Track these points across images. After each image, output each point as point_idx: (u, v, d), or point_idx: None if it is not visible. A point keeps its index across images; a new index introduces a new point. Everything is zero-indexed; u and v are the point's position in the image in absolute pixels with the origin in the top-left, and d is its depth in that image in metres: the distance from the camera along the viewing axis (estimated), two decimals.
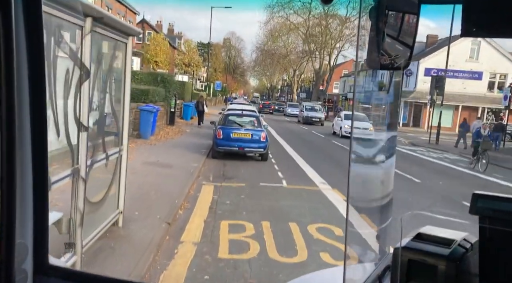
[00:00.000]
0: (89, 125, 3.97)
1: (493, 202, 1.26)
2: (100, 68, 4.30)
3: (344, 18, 47.54)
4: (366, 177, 1.74)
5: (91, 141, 4.14)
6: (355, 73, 2.56)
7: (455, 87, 34.83)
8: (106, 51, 4.51)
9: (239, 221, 6.50)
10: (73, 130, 3.75)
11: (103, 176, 4.85)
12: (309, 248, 5.50)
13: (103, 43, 4.34)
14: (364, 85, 2.22)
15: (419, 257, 1.32)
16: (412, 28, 1.20)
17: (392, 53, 1.26)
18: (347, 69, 59.86)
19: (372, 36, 1.20)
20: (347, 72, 57.66)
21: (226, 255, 5.09)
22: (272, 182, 9.79)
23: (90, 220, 4.29)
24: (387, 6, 1.20)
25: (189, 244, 5.40)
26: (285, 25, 51.43)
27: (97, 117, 4.41)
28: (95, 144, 4.33)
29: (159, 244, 5.14)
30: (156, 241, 5.16)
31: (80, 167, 3.80)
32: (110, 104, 4.82)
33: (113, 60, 4.72)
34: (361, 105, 2.32)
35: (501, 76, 36.86)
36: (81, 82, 3.73)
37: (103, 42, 4.32)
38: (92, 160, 4.21)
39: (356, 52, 1.94)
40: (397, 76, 1.71)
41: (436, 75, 26.76)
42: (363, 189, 1.68)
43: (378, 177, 1.78)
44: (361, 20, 1.44)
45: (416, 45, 17.17)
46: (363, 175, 1.67)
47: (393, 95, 1.75)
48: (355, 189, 1.49)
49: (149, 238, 5.17)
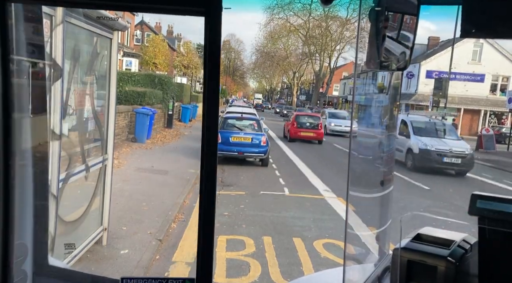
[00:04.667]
0: (63, 133, 3.39)
1: (492, 203, 1.26)
2: (78, 66, 3.71)
3: (344, 20, 47.05)
4: (366, 178, 1.74)
5: (66, 151, 3.55)
6: (354, 74, 2.44)
7: (457, 89, 34.31)
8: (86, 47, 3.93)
9: (238, 236, 5.91)
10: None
11: (83, 190, 4.26)
12: (316, 269, 4.91)
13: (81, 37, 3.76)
14: (364, 87, 2.35)
15: (418, 258, 1.32)
16: (412, 30, 1.21)
17: (392, 55, 1.26)
18: (347, 72, 59.35)
19: (371, 37, 1.21)
20: (347, 74, 57.18)
21: (223, 279, 4.50)
22: (273, 189, 9.20)
23: (66, 242, 3.72)
24: (387, 8, 1.20)
25: (182, 265, 4.81)
26: (285, 27, 50.90)
27: (74, 122, 3.82)
28: (71, 153, 3.74)
29: (147, 266, 4.54)
30: (144, 262, 4.57)
31: (50, 183, 3.21)
32: (92, 108, 4.23)
33: (95, 57, 4.14)
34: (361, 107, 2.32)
35: (503, 78, 36.36)
36: (51, 81, 3.15)
37: (81, 36, 3.74)
38: (67, 173, 3.62)
39: (355, 54, 1.90)
40: (396, 78, 1.78)
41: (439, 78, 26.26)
42: (362, 190, 1.68)
43: (378, 178, 1.77)
44: (361, 22, 1.48)
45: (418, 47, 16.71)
46: (363, 175, 1.66)
47: (392, 97, 1.81)
48: (355, 190, 1.47)
49: (136, 259, 4.58)
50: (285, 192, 9.09)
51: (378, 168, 1.86)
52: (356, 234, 1.68)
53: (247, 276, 4.64)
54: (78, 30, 3.56)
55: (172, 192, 7.75)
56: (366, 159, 1.92)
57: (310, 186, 9.90)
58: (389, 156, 1.86)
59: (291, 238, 5.98)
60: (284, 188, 9.48)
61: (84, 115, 4.04)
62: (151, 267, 4.63)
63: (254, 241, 5.72)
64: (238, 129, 12.35)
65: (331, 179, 10.68)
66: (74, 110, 3.74)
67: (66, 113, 3.54)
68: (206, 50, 1.06)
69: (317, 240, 5.92)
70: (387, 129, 1.95)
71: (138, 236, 5.29)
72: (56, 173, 3.26)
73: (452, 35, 24.75)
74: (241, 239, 5.81)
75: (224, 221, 6.57)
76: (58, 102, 3.22)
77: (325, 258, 5.30)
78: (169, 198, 7.30)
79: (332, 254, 5.43)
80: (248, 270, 4.77)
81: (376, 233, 1.77)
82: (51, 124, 3.20)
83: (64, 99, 3.39)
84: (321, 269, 4.90)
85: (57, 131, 3.24)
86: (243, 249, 5.42)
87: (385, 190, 1.74)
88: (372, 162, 1.93)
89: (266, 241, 5.79)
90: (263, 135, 12.22)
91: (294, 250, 5.52)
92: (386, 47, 1.23)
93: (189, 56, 46.74)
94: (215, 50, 1.05)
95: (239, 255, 5.20)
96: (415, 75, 35.65)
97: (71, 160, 3.74)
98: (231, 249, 5.38)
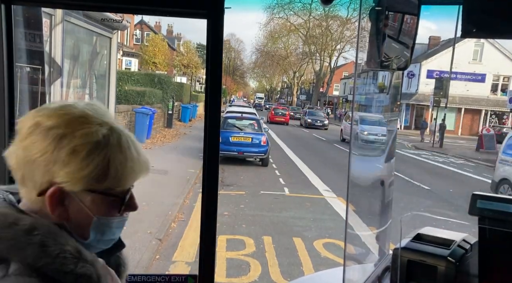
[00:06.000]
0: None
1: (493, 203, 1.25)
2: (77, 65, 3.71)
3: (345, 19, 47.00)
4: (366, 178, 1.74)
5: None
6: (355, 74, 2.45)
7: (458, 89, 34.27)
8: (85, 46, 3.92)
9: (238, 236, 5.90)
10: None
11: None
12: (316, 269, 4.90)
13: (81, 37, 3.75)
14: (365, 87, 2.35)
15: (418, 257, 1.31)
16: (412, 29, 1.21)
17: (392, 54, 1.26)
18: (348, 71, 59.30)
19: (372, 37, 1.21)
20: (348, 74, 57.14)
21: (223, 279, 4.49)
22: (273, 189, 9.19)
23: None
24: (387, 7, 1.20)
25: (182, 265, 4.80)
26: (285, 26, 50.87)
27: None
28: None
29: (148, 266, 4.54)
30: (145, 262, 4.57)
31: None
32: None
33: (94, 56, 4.13)
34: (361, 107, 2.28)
35: (504, 78, 36.31)
36: (50, 80, 3.15)
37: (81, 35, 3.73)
38: None
39: (356, 54, 1.87)
40: (397, 77, 1.78)
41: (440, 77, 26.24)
42: (363, 190, 1.67)
43: (378, 178, 1.76)
44: (362, 22, 1.45)
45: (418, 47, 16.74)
46: (363, 176, 1.65)
47: (393, 96, 1.80)
48: (355, 190, 1.47)
49: (136, 259, 4.57)
50: (285, 192, 9.08)
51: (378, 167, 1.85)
52: (356, 234, 1.66)
53: (247, 275, 4.63)
54: (77, 29, 3.55)
55: (172, 192, 7.75)
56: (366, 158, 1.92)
57: (310, 186, 9.89)
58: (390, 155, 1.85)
59: (291, 237, 5.97)
60: (284, 187, 9.47)
61: None
62: (151, 267, 4.62)
63: (254, 241, 5.72)
64: (238, 129, 12.34)
65: (331, 179, 10.67)
66: None
67: None
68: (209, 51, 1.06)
69: (317, 240, 5.91)
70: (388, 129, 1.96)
71: (138, 236, 5.28)
72: None
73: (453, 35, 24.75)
74: (241, 238, 5.80)
75: (224, 221, 6.56)
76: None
77: (325, 258, 5.29)
78: (169, 198, 7.29)
79: (332, 253, 5.43)
80: (248, 270, 4.77)
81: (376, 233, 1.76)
82: None
83: (64, 98, 3.38)
84: (321, 269, 4.90)
85: None
86: (243, 249, 5.41)
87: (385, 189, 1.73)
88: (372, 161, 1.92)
89: (266, 240, 5.78)
90: (263, 135, 12.20)
91: (294, 250, 5.51)
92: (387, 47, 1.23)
93: (189, 56, 46.63)
94: (217, 52, 1.06)
95: (239, 255, 5.20)
96: (416, 75, 35.61)
97: None
98: (231, 249, 5.37)
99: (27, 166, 0.70)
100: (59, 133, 0.69)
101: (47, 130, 0.70)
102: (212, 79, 1.08)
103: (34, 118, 0.71)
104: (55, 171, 0.69)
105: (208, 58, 1.06)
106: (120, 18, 4.32)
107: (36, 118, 0.71)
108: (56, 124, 0.70)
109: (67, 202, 0.73)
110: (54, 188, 0.70)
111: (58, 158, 0.69)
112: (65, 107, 0.73)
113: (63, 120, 0.71)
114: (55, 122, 0.70)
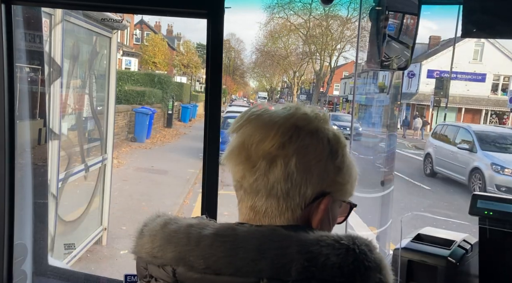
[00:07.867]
0: (62, 132, 3.38)
1: (493, 203, 1.26)
2: (77, 65, 3.71)
3: (345, 19, 47.01)
4: (366, 178, 1.74)
5: (65, 150, 3.55)
6: (355, 74, 2.46)
7: (458, 89, 34.29)
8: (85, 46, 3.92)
9: None
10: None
11: (82, 190, 4.26)
12: None
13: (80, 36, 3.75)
14: (365, 87, 2.42)
15: (419, 258, 1.32)
16: (413, 29, 1.21)
17: (393, 54, 1.26)
18: (348, 71, 59.31)
19: (372, 36, 1.21)
20: (348, 74, 57.16)
21: None
22: None
23: (66, 241, 3.71)
24: (388, 7, 1.20)
25: None
26: (285, 26, 50.83)
27: (73, 122, 3.81)
28: (70, 153, 3.73)
29: None
30: None
31: (50, 182, 3.20)
32: (91, 107, 4.22)
33: (94, 56, 4.13)
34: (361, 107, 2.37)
35: (505, 78, 36.35)
36: (50, 80, 3.14)
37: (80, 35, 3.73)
38: (67, 172, 3.62)
39: (356, 53, 1.79)
40: (397, 77, 1.81)
41: (440, 77, 26.25)
42: (363, 190, 1.60)
43: (378, 178, 1.78)
44: (362, 21, 1.45)
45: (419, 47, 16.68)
46: (363, 176, 1.46)
47: (393, 96, 1.82)
48: (355, 190, 1.31)
49: None
50: None
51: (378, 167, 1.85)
52: (355, 233, 1.65)
53: None
54: (77, 29, 3.55)
55: (171, 192, 7.75)
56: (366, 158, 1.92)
57: None
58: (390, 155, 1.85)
59: None
60: None
61: (83, 115, 4.04)
62: None
63: None
64: None
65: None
66: (73, 110, 3.73)
67: (65, 113, 3.53)
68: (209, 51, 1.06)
69: None
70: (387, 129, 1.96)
71: None
72: (55, 172, 3.25)
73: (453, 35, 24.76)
74: None
75: (224, 221, 6.54)
76: (57, 102, 3.21)
77: None
78: (169, 198, 7.29)
79: None
80: None
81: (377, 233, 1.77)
82: (50, 124, 3.19)
83: (63, 98, 3.38)
84: None
85: (56, 131, 3.23)
86: None
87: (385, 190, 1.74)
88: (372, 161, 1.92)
89: None
90: None
91: None
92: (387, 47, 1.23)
93: (189, 56, 46.66)
94: (218, 51, 1.07)
95: None
96: (416, 75, 35.62)
97: (70, 159, 3.74)
98: None
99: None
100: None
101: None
102: (212, 79, 1.09)
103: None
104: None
105: (208, 58, 1.06)
106: (120, 18, 4.31)
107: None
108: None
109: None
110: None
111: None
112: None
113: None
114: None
